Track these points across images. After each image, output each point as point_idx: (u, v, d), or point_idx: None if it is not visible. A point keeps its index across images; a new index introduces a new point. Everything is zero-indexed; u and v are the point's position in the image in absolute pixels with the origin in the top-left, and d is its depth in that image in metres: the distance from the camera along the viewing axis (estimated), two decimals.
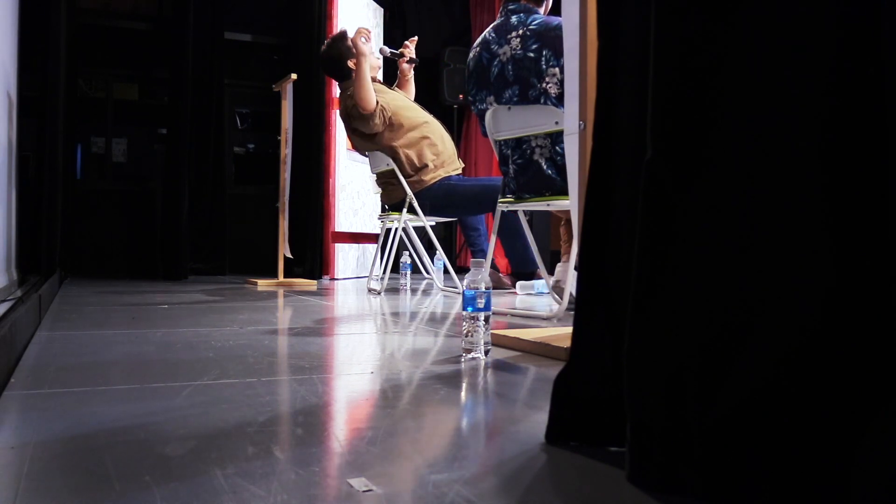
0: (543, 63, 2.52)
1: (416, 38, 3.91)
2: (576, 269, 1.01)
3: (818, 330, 0.68)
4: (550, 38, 2.52)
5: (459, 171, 3.88)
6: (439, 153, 3.75)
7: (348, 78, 3.79)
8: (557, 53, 2.49)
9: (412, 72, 4.02)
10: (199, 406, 1.11)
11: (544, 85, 2.52)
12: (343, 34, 3.87)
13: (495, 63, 2.67)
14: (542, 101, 2.53)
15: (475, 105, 2.82)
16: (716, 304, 0.73)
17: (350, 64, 3.74)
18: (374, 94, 3.62)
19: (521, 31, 2.61)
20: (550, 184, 2.57)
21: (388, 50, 3.87)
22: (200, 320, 2.33)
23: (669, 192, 0.76)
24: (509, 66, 2.60)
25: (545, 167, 2.57)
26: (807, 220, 0.70)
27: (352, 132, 3.86)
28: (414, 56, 3.89)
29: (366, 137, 3.78)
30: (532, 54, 2.55)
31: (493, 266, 4.24)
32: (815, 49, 0.70)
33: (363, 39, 3.60)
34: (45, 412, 1.06)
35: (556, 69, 2.50)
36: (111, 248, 5.75)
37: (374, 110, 3.61)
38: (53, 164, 3.53)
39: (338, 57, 3.79)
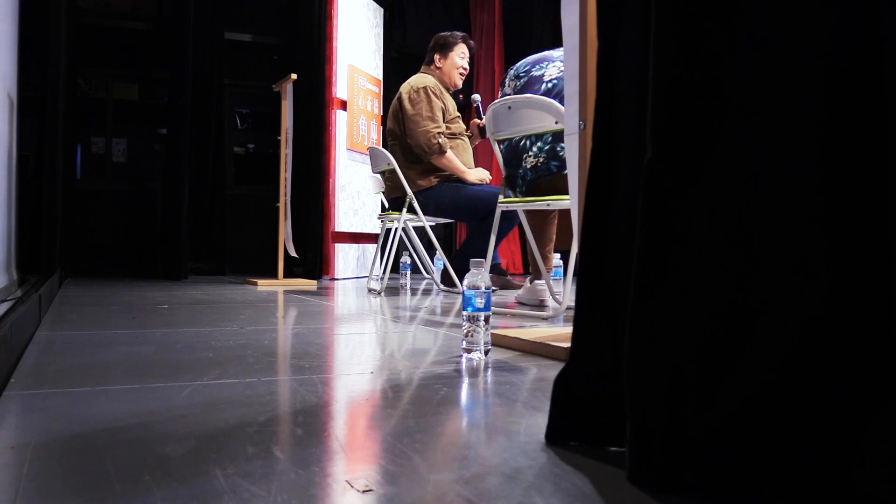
0: None
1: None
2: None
3: (818, 329, 0.68)
4: None
5: None
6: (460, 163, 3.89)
7: (428, 64, 4.05)
8: None
9: (476, 139, 4.16)
10: (199, 406, 1.11)
11: None
12: (463, 38, 4.09)
13: (548, 63, 2.83)
14: None
15: (517, 82, 2.88)
16: (716, 303, 0.73)
17: (436, 57, 4.02)
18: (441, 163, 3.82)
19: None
20: None
21: (478, 100, 4.04)
22: (200, 320, 2.33)
23: (669, 192, 0.76)
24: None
25: None
26: (807, 220, 0.70)
27: (398, 128, 3.94)
28: (481, 126, 4.00)
29: (403, 132, 3.89)
30: None
31: (501, 270, 4.22)
32: (815, 49, 0.70)
33: (482, 180, 3.87)
34: (45, 412, 1.06)
35: None
36: (111, 248, 5.75)
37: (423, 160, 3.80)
38: (53, 164, 3.53)
39: (440, 43, 4.04)
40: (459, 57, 4.02)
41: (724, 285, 0.73)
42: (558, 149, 2.68)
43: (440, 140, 3.74)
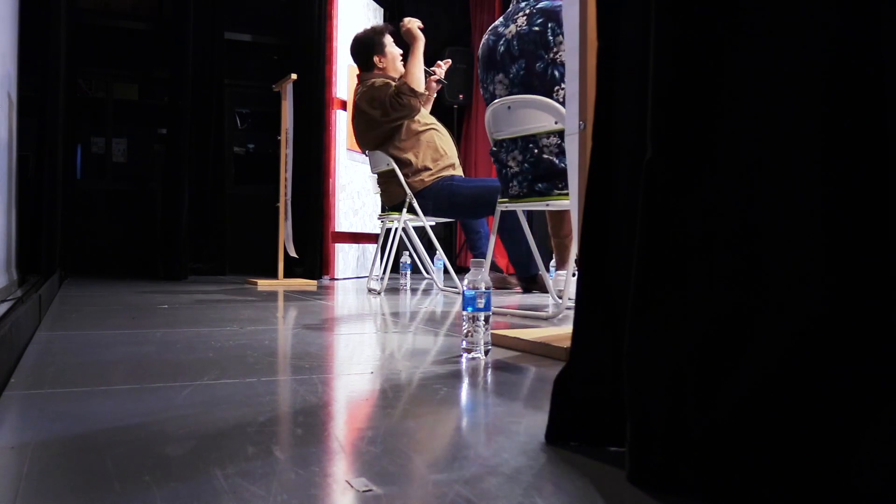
0: (550, 34, 2.58)
1: (450, 60, 3.93)
2: (576, 262, 1.01)
3: (818, 329, 0.68)
4: (556, 13, 2.61)
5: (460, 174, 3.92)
6: (440, 157, 3.79)
7: (369, 70, 3.90)
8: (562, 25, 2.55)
9: (435, 93, 4.09)
10: (199, 406, 1.11)
11: (552, 55, 2.56)
12: (384, 28, 4.00)
13: (501, 42, 2.75)
14: (548, 72, 2.55)
15: (485, 87, 2.84)
16: (716, 303, 0.73)
17: (376, 60, 3.88)
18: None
19: (527, 11, 2.73)
20: (565, 175, 2.58)
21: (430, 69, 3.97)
22: (200, 320, 2.33)
23: (669, 192, 0.76)
24: (514, 42, 2.68)
25: (557, 162, 2.58)
26: (807, 220, 0.70)
27: (365, 125, 3.82)
28: (443, 78, 3.96)
29: (376, 136, 3.79)
30: (537, 28, 2.64)
31: (496, 267, 4.23)
32: (815, 49, 0.70)
33: (418, 28, 3.72)
34: (45, 412, 1.06)
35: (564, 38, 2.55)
36: (111, 248, 5.75)
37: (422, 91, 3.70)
38: (53, 164, 3.53)
39: (370, 45, 3.91)
40: (392, 46, 3.96)
41: (725, 285, 0.73)
42: (537, 189, 2.64)
43: (396, 85, 3.64)
